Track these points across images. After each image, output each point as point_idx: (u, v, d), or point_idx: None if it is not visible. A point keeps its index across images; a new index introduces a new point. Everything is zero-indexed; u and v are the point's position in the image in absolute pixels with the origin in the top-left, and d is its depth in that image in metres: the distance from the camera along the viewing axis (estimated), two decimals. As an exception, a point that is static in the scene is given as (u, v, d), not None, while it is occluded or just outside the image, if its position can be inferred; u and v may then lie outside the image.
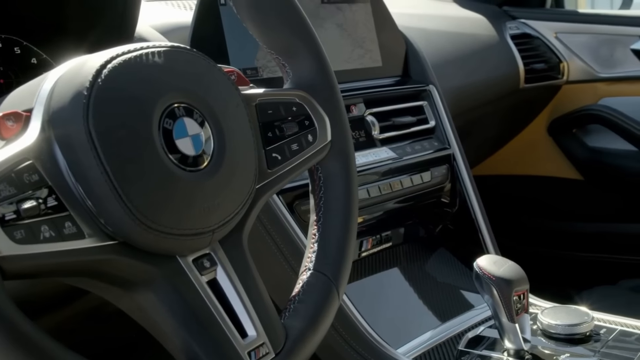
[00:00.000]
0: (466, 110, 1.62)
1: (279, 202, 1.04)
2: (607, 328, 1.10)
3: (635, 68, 1.89)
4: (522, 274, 1.02)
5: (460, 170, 1.33)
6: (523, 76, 1.86)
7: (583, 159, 2.02)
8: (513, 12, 1.98)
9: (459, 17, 1.82)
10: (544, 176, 2.08)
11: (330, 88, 0.80)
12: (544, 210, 2.08)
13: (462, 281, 1.29)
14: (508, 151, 2.05)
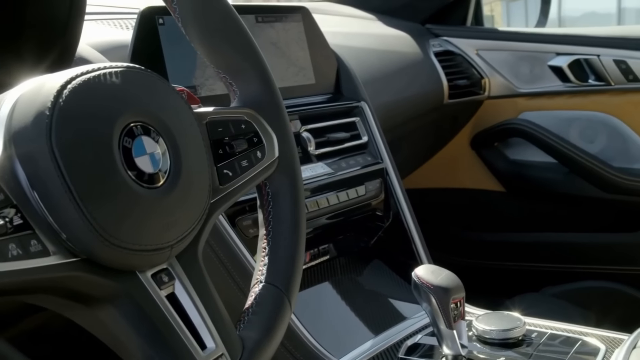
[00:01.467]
0: (394, 125, 1.67)
1: (222, 218, 1.06)
2: (538, 332, 1.15)
3: (553, 83, 1.97)
4: (459, 282, 1.06)
5: (393, 184, 1.37)
6: (447, 92, 1.92)
7: (505, 171, 2.08)
8: (436, 30, 2.04)
9: (384, 34, 1.87)
10: (468, 188, 2.14)
11: (276, 106, 0.83)
12: (469, 221, 2.14)
13: (399, 291, 1.33)
14: (433, 165, 2.11)
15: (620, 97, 1.92)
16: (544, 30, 2.10)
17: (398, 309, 1.29)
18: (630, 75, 1.87)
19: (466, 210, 2.15)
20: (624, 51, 1.87)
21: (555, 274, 2.01)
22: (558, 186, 2.00)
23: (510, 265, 2.07)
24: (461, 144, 2.12)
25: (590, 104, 1.95)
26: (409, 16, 2.04)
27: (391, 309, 1.29)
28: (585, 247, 2.00)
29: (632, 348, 1.00)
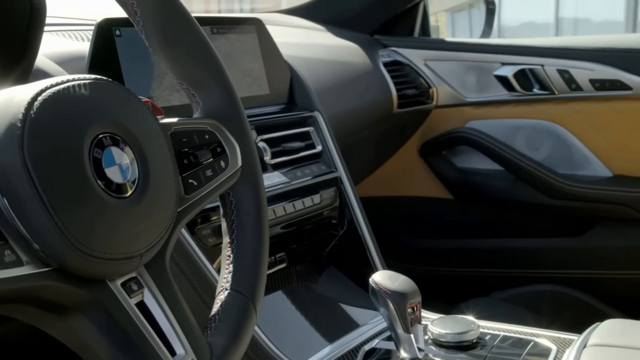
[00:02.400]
0: (345, 135, 1.69)
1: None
2: (491, 334, 1.18)
3: (499, 92, 2.02)
4: (415, 287, 1.08)
5: (347, 192, 1.40)
6: (396, 101, 1.95)
7: (452, 179, 2.12)
8: (384, 40, 2.08)
9: (334, 45, 1.89)
10: (417, 196, 2.18)
11: (238, 116, 0.84)
12: (418, 229, 2.17)
13: (355, 298, 1.35)
14: (383, 173, 2.14)
15: (564, 106, 1.97)
16: (489, 40, 2.15)
17: (355, 314, 1.31)
18: (573, 84, 1.92)
19: (415, 217, 2.18)
20: (567, 61, 1.93)
21: (503, 278, 2.06)
22: (505, 193, 2.04)
23: (460, 272, 2.11)
24: (410, 153, 2.15)
25: (535, 112, 2.00)
26: (357, 27, 2.07)
27: (348, 315, 1.31)
28: (533, 252, 2.05)
29: (582, 347, 1.04)
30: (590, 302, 1.97)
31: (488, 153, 2.05)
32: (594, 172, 1.97)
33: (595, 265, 1.98)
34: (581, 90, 1.93)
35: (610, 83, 1.89)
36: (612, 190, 1.95)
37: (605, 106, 1.93)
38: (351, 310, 1.33)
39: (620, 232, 1.96)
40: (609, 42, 1.95)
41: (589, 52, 1.92)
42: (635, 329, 1.09)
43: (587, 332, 1.09)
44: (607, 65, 1.89)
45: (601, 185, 1.96)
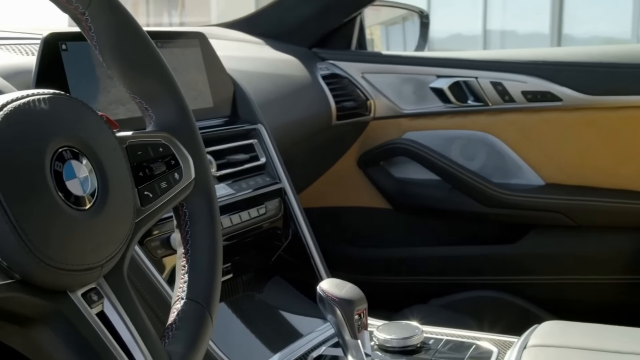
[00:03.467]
0: (286, 147, 1.72)
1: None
2: (435, 339, 1.22)
3: (434, 104, 2.06)
4: (361, 294, 1.12)
5: (291, 203, 1.42)
6: (335, 114, 1.98)
7: (390, 189, 2.16)
8: (322, 53, 2.11)
9: (274, 59, 1.92)
10: (356, 207, 2.21)
11: (191, 130, 0.86)
12: (358, 239, 2.21)
13: (301, 307, 1.37)
14: (322, 185, 2.16)
15: (497, 117, 2.03)
16: (425, 54, 2.20)
17: (302, 323, 1.34)
18: (506, 96, 1.98)
19: (354, 228, 2.22)
20: (500, 73, 1.99)
21: (442, 285, 2.10)
22: (442, 202, 2.09)
23: (399, 280, 2.15)
24: (348, 164, 2.19)
25: (470, 123, 2.06)
26: (295, 41, 2.10)
27: (295, 323, 1.34)
28: (470, 259, 2.10)
29: (522, 348, 1.08)
30: (526, 306, 2.03)
31: (425, 163, 2.09)
32: (527, 181, 2.03)
33: (530, 271, 2.05)
34: (514, 101, 1.98)
35: (542, 95, 1.95)
36: (544, 198, 2.01)
37: (537, 117, 2.00)
38: (298, 319, 1.35)
39: (553, 239, 2.03)
40: (540, 56, 2.01)
41: (521, 65, 1.98)
42: (572, 330, 1.14)
43: (527, 334, 1.13)
44: (538, 77, 1.95)
45: (534, 194, 2.02)
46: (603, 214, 1.97)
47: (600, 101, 1.93)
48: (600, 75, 1.94)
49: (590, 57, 1.97)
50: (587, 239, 2.00)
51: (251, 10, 2.19)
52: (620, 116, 1.93)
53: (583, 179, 2.00)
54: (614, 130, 1.95)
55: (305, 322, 1.33)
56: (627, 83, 1.92)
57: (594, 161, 1.98)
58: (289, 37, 2.09)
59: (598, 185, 1.99)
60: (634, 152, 1.94)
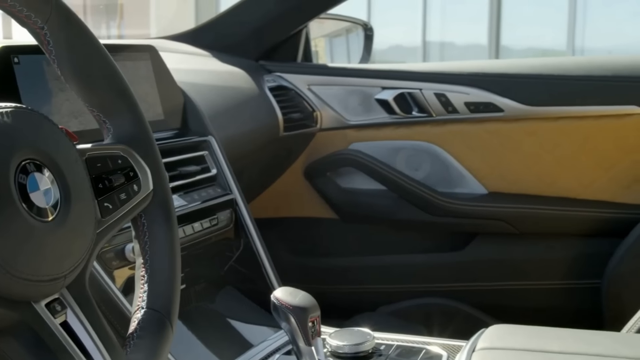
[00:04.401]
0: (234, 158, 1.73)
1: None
2: (386, 345, 1.25)
3: (380, 115, 2.10)
4: (314, 302, 1.14)
5: (242, 214, 1.44)
6: (282, 125, 2.00)
7: (337, 199, 2.19)
8: (269, 66, 2.13)
9: (221, 71, 1.93)
10: (303, 217, 2.23)
11: (148, 142, 0.88)
12: (306, 249, 2.23)
13: (254, 316, 1.39)
14: (269, 196, 2.18)
15: (441, 127, 2.07)
16: (370, 66, 2.24)
17: (255, 332, 1.35)
18: (449, 107, 2.03)
19: (302, 238, 2.24)
20: (444, 85, 2.03)
21: (390, 293, 2.13)
22: (388, 211, 2.13)
23: (347, 288, 2.18)
24: (295, 175, 2.21)
25: (415, 134, 2.10)
26: (242, 53, 2.11)
27: (248, 332, 1.35)
28: (416, 267, 2.14)
29: (471, 351, 1.11)
30: (472, 312, 2.07)
31: (371, 173, 2.13)
32: (471, 190, 2.08)
33: (475, 278, 2.09)
34: (457, 112, 2.03)
35: (484, 106, 2.00)
36: (487, 206, 2.06)
37: (480, 127, 2.05)
38: (251, 328, 1.37)
39: (496, 246, 2.08)
40: (483, 68, 2.07)
41: (464, 77, 2.03)
42: (518, 332, 1.18)
43: (475, 338, 1.16)
44: (480, 89, 2.00)
45: (477, 202, 2.06)
46: (544, 221, 2.03)
47: (540, 112, 1.99)
48: (540, 86, 2.00)
49: (530, 70, 2.03)
50: (528, 245, 2.06)
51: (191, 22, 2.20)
52: (559, 126, 1.99)
53: (524, 188, 2.06)
54: (554, 140, 2.01)
55: (258, 331, 1.35)
56: (565, 94, 1.99)
57: (534, 170, 2.04)
58: (236, 50, 2.11)
59: (539, 194, 2.05)
60: (572, 161, 2.01)
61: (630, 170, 1.97)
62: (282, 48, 2.18)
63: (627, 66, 1.98)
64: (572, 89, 1.98)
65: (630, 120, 1.94)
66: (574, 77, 1.99)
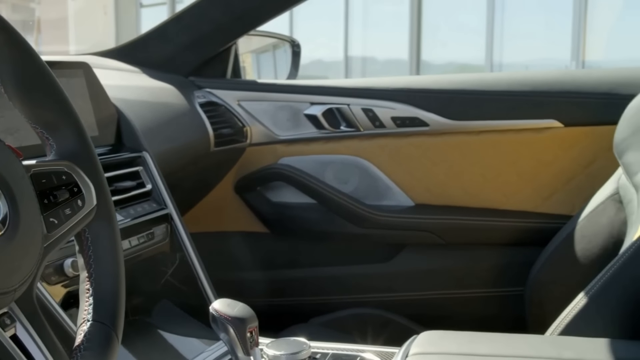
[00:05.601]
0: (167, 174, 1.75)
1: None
2: (322, 353, 1.28)
3: (309, 130, 2.14)
4: (252, 313, 1.17)
5: (178, 228, 1.46)
6: (213, 140, 2.02)
7: (267, 213, 2.22)
8: (198, 82, 2.15)
9: (153, 87, 1.94)
10: (235, 231, 2.25)
11: (91, 158, 0.90)
12: (237, 262, 2.25)
13: (191, 329, 1.41)
14: (200, 210, 2.19)
15: (369, 141, 2.12)
16: (299, 82, 2.27)
17: (193, 344, 1.37)
18: (376, 121, 2.08)
19: (233, 252, 2.26)
20: (371, 100, 2.09)
21: (321, 305, 2.17)
22: (318, 224, 2.16)
23: (279, 301, 2.20)
24: (226, 189, 2.23)
25: (343, 148, 2.14)
26: (172, 69, 2.13)
27: (186, 345, 1.37)
28: (347, 278, 2.18)
29: (405, 357, 1.15)
30: (402, 321, 2.12)
31: (301, 187, 2.16)
32: (398, 202, 2.14)
33: (404, 288, 2.14)
34: (384, 127, 2.08)
35: (410, 120, 2.06)
36: (414, 218, 2.11)
37: (406, 141, 2.10)
38: (189, 341, 1.39)
39: (424, 256, 2.13)
40: (408, 83, 2.13)
41: (390, 92, 2.09)
42: (449, 338, 1.23)
43: (407, 344, 1.21)
44: (406, 104, 2.06)
45: (404, 214, 2.12)
46: (469, 232, 2.10)
47: (463, 126, 2.06)
48: (463, 101, 2.07)
49: (454, 85, 2.10)
50: (455, 255, 2.12)
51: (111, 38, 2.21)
52: (482, 140, 2.06)
53: (449, 199, 2.12)
54: (477, 153, 2.08)
55: (196, 343, 1.37)
56: (487, 109, 2.06)
57: (459, 182, 2.11)
58: (166, 66, 2.12)
59: (463, 205, 2.11)
60: (495, 173, 2.08)
61: (550, 181, 2.05)
62: (211, 64, 2.20)
63: (546, 81, 2.06)
64: (494, 104, 2.06)
65: (549, 134, 2.02)
66: (495, 92, 2.06)
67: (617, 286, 1.29)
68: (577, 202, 1.96)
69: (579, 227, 1.73)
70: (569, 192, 2.04)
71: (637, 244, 1.30)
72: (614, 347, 1.15)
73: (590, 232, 1.70)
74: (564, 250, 1.76)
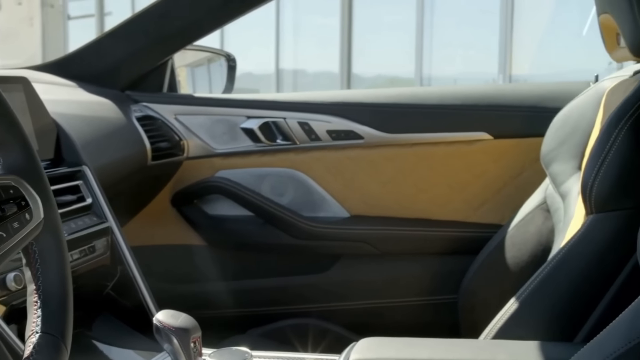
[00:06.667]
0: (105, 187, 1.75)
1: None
2: (264, 362, 1.31)
3: (245, 144, 2.16)
4: (195, 323, 1.19)
5: (118, 241, 1.48)
6: (150, 154, 2.04)
7: (205, 226, 2.23)
8: (135, 96, 2.16)
9: (90, 101, 1.95)
10: (172, 244, 2.26)
11: (38, 172, 0.91)
12: (175, 276, 2.25)
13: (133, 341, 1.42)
14: (137, 224, 2.20)
15: (305, 154, 2.16)
16: (235, 96, 2.30)
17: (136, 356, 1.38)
18: (312, 134, 2.12)
19: (173, 265, 2.26)
20: (307, 114, 2.12)
21: (260, 316, 2.19)
22: (256, 237, 2.19)
23: (217, 313, 2.21)
24: (163, 203, 2.24)
25: (279, 161, 2.17)
26: (108, 84, 2.13)
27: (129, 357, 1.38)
28: (285, 290, 2.20)
29: (345, 364, 1.19)
30: (340, 331, 2.15)
31: (238, 200, 2.18)
32: (334, 214, 2.18)
33: (341, 298, 2.18)
34: (320, 140, 2.12)
35: (345, 133, 2.11)
36: (350, 229, 2.16)
37: (341, 154, 2.15)
38: (132, 353, 1.40)
39: (360, 266, 2.17)
40: (344, 97, 2.17)
41: (325, 106, 2.13)
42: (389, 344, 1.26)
43: (347, 350, 1.24)
44: (341, 117, 2.11)
45: (340, 225, 2.16)
46: (403, 242, 2.15)
47: (397, 139, 2.11)
48: (397, 115, 2.12)
49: (387, 99, 2.15)
50: (390, 265, 2.16)
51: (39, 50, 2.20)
52: (416, 152, 2.12)
53: (384, 210, 2.17)
54: (411, 165, 2.13)
55: (139, 355, 1.38)
56: (419, 122, 2.12)
57: (393, 193, 2.15)
58: (102, 80, 2.12)
59: (398, 216, 2.16)
60: (428, 185, 2.13)
61: (481, 191, 2.12)
62: (148, 78, 2.21)
63: (476, 95, 2.13)
64: (426, 117, 2.12)
65: (479, 146, 2.09)
66: (427, 106, 2.12)
67: (546, 290, 1.35)
68: (506, 212, 2.03)
69: (509, 236, 1.79)
70: (498, 202, 2.11)
71: (564, 250, 1.36)
72: (546, 349, 1.20)
73: (520, 240, 1.76)
74: (494, 258, 1.82)
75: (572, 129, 1.67)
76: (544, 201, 1.75)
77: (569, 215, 1.51)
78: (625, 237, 1.30)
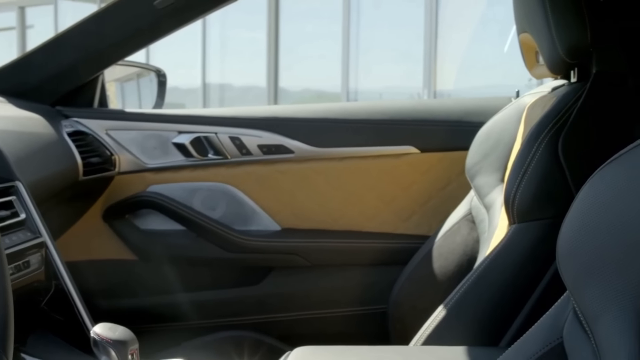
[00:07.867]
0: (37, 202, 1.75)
1: None
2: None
3: (177, 158, 2.18)
4: (133, 336, 1.21)
5: (53, 256, 1.48)
6: (81, 169, 2.04)
7: (136, 240, 2.24)
8: (65, 111, 2.16)
9: (19, 116, 1.94)
10: (104, 259, 2.26)
11: None
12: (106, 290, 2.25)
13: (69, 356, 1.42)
14: (69, 239, 2.19)
15: (236, 169, 2.19)
16: (167, 111, 2.31)
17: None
18: (243, 149, 2.15)
19: (103, 280, 2.26)
20: (238, 129, 2.16)
21: (193, 330, 2.20)
22: (188, 251, 2.21)
23: (153, 327, 2.22)
24: (94, 218, 2.24)
25: (211, 175, 2.20)
26: (38, 99, 2.12)
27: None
28: (217, 302, 2.22)
29: (282, 372, 1.22)
30: (273, 342, 2.18)
31: (170, 214, 2.20)
32: (265, 227, 2.21)
33: (273, 309, 2.21)
34: (251, 154, 2.16)
35: (276, 148, 2.15)
36: (281, 241, 2.19)
37: (272, 168, 2.18)
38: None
39: (292, 278, 2.20)
40: (274, 112, 2.21)
41: (256, 121, 2.17)
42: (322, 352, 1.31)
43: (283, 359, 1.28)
44: (272, 132, 2.15)
45: (272, 238, 2.19)
46: (334, 253, 2.19)
47: (326, 153, 2.16)
48: (326, 129, 2.17)
49: (317, 114, 2.20)
50: (321, 276, 2.20)
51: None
52: (345, 166, 2.17)
53: (315, 223, 2.21)
54: (340, 178, 2.18)
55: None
56: (348, 136, 2.17)
57: (323, 206, 2.20)
58: (31, 95, 2.11)
59: (328, 228, 2.21)
60: (357, 197, 2.19)
61: (409, 204, 2.18)
62: (78, 93, 2.21)
63: (403, 111, 2.20)
64: (355, 132, 2.17)
65: (406, 159, 2.15)
66: (356, 121, 2.18)
67: (472, 298, 1.41)
68: (433, 223, 2.10)
69: (436, 246, 1.85)
70: (426, 214, 2.17)
71: (489, 259, 1.42)
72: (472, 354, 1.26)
73: (447, 250, 1.82)
74: (422, 268, 1.88)
75: (495, 143, 1.75)
76: (469, 212, 1.81)
77: (493, 226, 1.58)
78: (546, 245, 1.37)
